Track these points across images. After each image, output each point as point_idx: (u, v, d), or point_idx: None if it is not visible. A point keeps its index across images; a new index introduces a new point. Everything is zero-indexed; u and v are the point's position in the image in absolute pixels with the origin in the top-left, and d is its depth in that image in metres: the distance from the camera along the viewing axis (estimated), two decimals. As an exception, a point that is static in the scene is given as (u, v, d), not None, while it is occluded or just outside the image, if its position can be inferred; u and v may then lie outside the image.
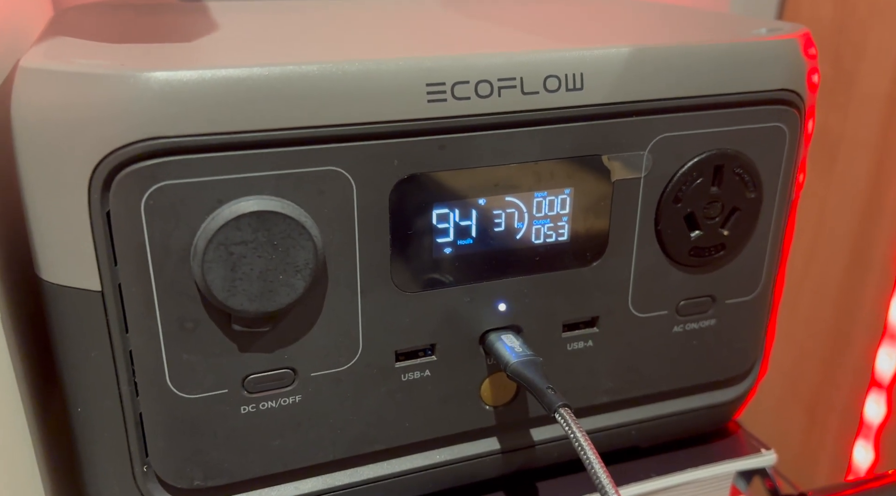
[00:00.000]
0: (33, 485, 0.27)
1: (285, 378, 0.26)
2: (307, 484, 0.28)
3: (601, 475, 0.24)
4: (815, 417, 0.68)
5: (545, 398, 0.25)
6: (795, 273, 0.66)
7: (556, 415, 0.25)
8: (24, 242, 0.24)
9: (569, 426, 0.25)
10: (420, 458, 0.29)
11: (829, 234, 0.65)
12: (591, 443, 0.24)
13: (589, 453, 0.24)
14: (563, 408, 0.25)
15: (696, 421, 0.34)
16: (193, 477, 0.26)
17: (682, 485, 0.33)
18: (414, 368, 0.28)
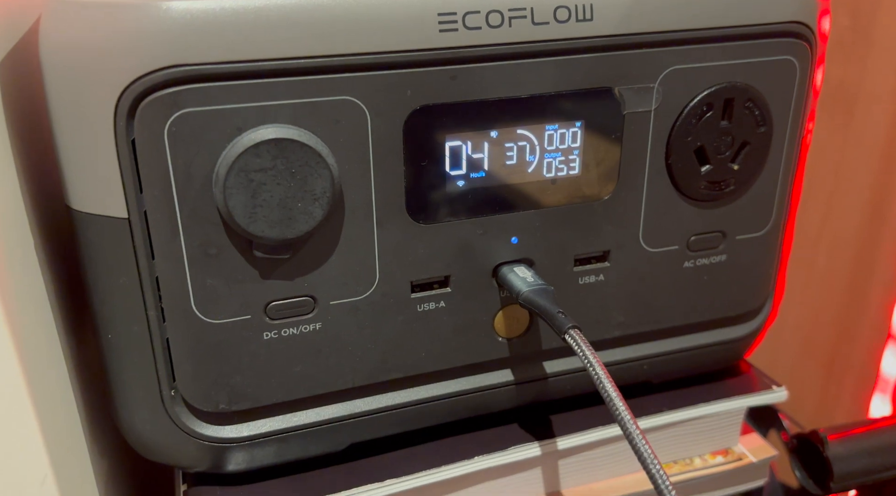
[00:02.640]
0: (69, 413, 0.28)
1: (305, 306, 0.27)
2: (328, 410, 0.29)
3: (612, 393, 0.25)
4: (832, 374, 0.69)
5: (556, 321, 0.26)
6: (812, 229, 0.66)
7: (567, 337, 0.26)
8: (57, 179, 0.25)
9: (579, 347, 0.25)
10: (436, 388, 0.30)
11: (846, 191, 0.65)
12: (602, 363, 0.25)
13: (600, 373, 0.25)
14: (573, 329, 0.26)
15: (707, 357, 0.34)
16: (219, 400, 0.27)
17: (693, 419, 0.34)
18: (429, 299, 0.29)
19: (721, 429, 0.36)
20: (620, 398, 0.25)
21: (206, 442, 0.28)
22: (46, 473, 0.25)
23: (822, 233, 0.67)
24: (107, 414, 0.29)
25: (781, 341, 0.70)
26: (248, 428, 0.28)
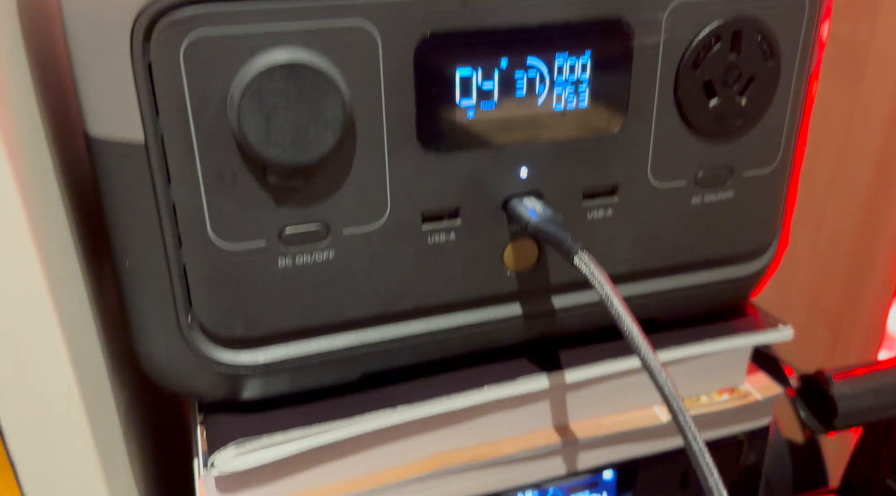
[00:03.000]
0: (90, 344, 0.29)
1: (319, 234, 0.27)
2: (341, 339, 0.30)
3: (622, 312, 0.25)
4: (839, 334, 0.69)
5: (564, 245, 0.27)
6: (820, 189, 0.66)
7: (576, 258, 0.26)
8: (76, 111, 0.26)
9: (589, 269, 0.26)
10: (446, 320, 0.31)
11: (855, 150, 0.65)
12: (612, 284, 0.26)
13: (610, 294, 0.25)
14: (582, 251, 0.26)
15: (714, 295, 0.35)
16: (234, 326, 0.28)
17: (700, 356, 0.35)
18: (439, 231, 0.29)
19: (727, 368, 0.36)
20: (631, 317, 0.25)
21: (222, 368, 0.28)
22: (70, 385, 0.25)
23: (831, 193, 0.67)
24: (125, 349, 0.29)
25: (789, 302, 0.71)
26: (264, 354, 0.29)
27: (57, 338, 0.26)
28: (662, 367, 0.25)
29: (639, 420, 0.35)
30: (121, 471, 0.31)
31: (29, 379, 0.26)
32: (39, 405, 0.27)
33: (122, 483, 0.31)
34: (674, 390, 0.25)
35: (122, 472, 0.31)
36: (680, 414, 0.25)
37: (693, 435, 0.25)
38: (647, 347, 0.25)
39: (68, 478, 0.28)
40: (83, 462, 0.28)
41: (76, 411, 0.27)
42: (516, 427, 0.34)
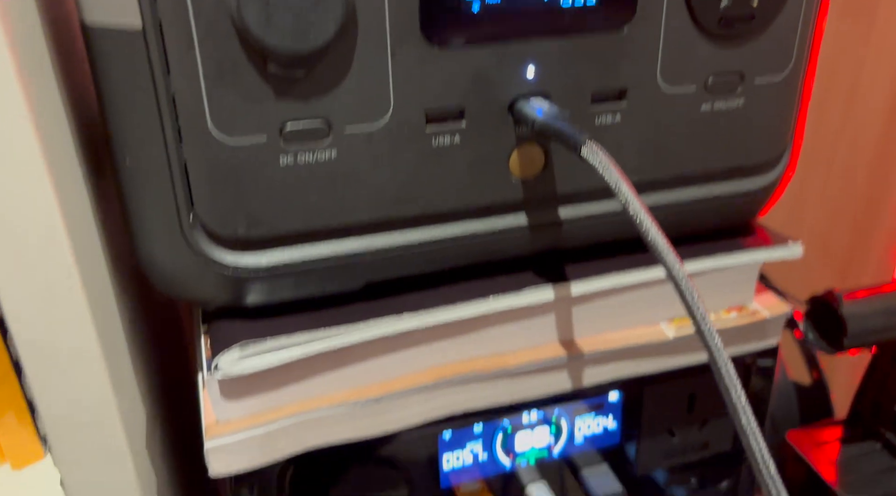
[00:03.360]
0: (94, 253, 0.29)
1: (320, 131, 0.27)
2: (344, 244, 0.29)
3: (634, 203, 0.25)
4: (848, 275, 0.68)
5: (572, 137, 0.26)
6: (830, 131, 0.65)
7: (585, 149, 0.25)
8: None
9: (598, 159, 0.25)
10: (451, 228, 0.31)
11: (867, 90, 0.63)
12: (624, 174, 0.25)
13: (621, 184, 0.25)
14: (590, 141, 0.25)
15: (724, 210, 0.34)
16: (237, 226, 0.28)
17: (708, 271, 0.34)
18: (444, 133, 0.29)
19: (736, 285, 0.36)
20: (645, 209, 0.25)
21: (225, 270, 0.28)
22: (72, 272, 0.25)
23: (841, 136, 0.66)
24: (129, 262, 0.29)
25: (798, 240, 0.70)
26: (267, 257, 0.29)
27: (63, 244, 0.26)
28: (679, 263, 0.25)
29: (646, 335, 0.34)
30: (125, 378, 0.31)
31: (36, 286, 0.26)
32: (47, 313, 0.27)
33: (128, 390, 0.31)
34: (692, 289, 0.24)
35: (126, 379, 0.31)
36: (701, 321, 0.24)
37: (716, 346, 0.24)
38: (662, 240, 0.25)
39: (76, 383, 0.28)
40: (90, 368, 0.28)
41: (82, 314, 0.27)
42: (522, 340, 0.33)
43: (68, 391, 0.28)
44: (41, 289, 0.26)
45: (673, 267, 0.24)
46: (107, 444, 0.29)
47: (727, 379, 0.24)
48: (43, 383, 0.27)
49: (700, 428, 0.40)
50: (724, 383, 0.24)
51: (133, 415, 0.31)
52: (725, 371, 0.24)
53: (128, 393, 0.31)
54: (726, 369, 0.24)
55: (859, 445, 0.42)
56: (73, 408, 0.28)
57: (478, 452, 0.36)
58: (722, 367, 0.24)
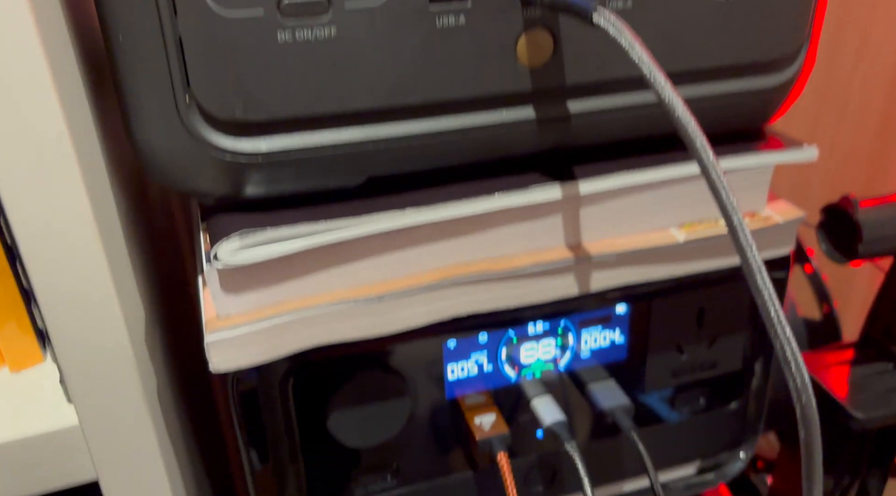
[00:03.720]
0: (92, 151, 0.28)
1: (319, 5, 0.26)
2: (345, 133, 0.28)
3: (650, 64, 0.23)
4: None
5: (582, 4, 0.25)
6: (846, 68, 0.64)
7: (596, 16, 0.24)
8: None
9: (612, 25, 0.24)
10: (455, 120, 0.30)
11: (882, 27, 0.62)
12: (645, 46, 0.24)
13: (635, 47, 0.24)
14: (602, 7, 0.24)
15: (737, 109, 0.33)
16: (234, 107, 0.27)
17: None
18: (448, 12, 0.27)
19: (748, 190, 0.35)
20: (665, 76, 0.24)
21: (222, 155, 0.27)
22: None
23: (855, 72, 0.65)
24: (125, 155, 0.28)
25: (810, 183, 0.69)
26: (266, 142, 0.28)
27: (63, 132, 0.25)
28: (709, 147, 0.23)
29: (655, 240, 0.34)
30: (125, 276, 0.30)
31: (38, 178, 0.25)
32: (45, 201, 0.26)
33: (127, 287, 0.30)
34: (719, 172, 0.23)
35: (126, 277, 0.30)
36: (733, 214, 0.23)
37: (748, 241, 0.23)
38: (684, 110, 0.23)
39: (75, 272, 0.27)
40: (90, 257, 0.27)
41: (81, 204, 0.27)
42: (528, 243, 0.33)
43: (67, 280, 0.27)
44: (40, 179, 0.26)
45: (701, 147, 0.23)
46: (107, 339, 0.29)
47: (753, 264, 0.23)
48: (41, 272, 0.27)
49: (709, 345, 0.39)
50: (749, 268, 0.23)
51: (133, 313, 0.30)
52: (755, 264, 0.23)
53: (127, 289, 0.30)
54: (756, 262, 0.23)
55: (871, 366, 0.41)
56: (73, 299, 0.28)
57: (483, 363, 0.36)
58: (752, 262, 0.23)
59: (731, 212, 0.23)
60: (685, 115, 0.23)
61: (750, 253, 0.23)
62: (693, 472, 0.44)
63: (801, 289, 0.59)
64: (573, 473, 0.40)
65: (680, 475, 0.44)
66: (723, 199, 0.23)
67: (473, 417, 0.36)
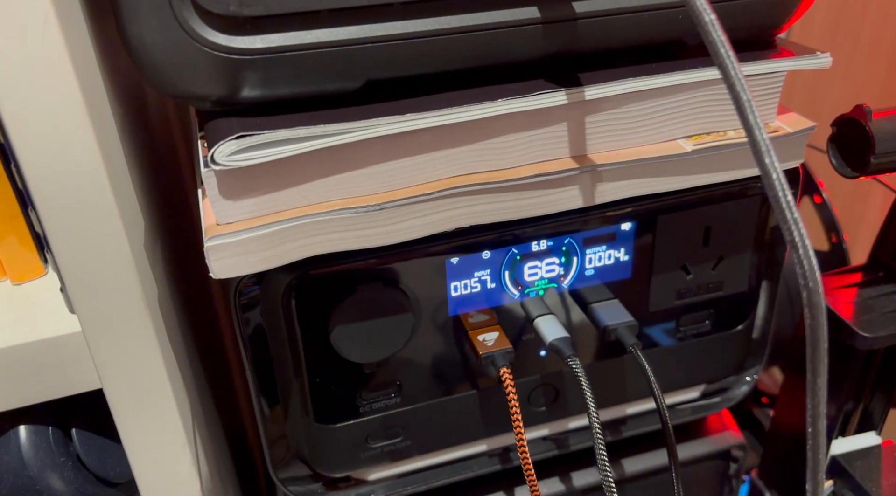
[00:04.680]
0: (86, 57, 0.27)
1: None
2: (342, 31, 0.27)
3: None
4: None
5: None
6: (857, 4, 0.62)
7: None
8: None
9: None
10: (456, 19, 0.29)
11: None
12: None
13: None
14: None
15: (750, 13, 0.32)
16: (229, 2, 0.26)
17: (729, 81, 0.32)
18: None
19: (759, 100, 0.34)
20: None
21: (218, 52, 0.27)
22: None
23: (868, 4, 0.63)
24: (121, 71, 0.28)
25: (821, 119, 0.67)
26: (261, 40, 0.27)
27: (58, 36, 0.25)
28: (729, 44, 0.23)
29: (662, 149, 0.33)
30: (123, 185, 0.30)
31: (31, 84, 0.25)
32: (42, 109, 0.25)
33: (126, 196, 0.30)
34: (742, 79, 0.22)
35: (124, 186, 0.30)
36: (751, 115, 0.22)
37: (768, 148, 0.22)
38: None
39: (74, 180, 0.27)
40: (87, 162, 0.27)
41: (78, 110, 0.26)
42: (532, 153, 0.32)
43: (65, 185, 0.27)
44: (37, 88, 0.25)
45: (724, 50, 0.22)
46: (108, 246, 0.28)
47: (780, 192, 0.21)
48: (38, 178, 0.26)
49: (714, 266, 0.39)
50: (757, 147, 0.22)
51: (133, 221, 0.30)
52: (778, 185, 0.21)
53: (127, 198, 0.30)
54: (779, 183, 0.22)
55: (878, 288, 0.41)
56: (71, 204, 0.27)
57: (486, 280, 0.35)
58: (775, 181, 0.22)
59: (748, 111, 0.22)
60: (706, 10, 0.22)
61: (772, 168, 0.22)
62: (698, 396, 0.45)
63: (809, 221, 0.59)
64: (576, 393, 0.40)
65: (685, 398, 0.45)
66: (740, 97, 0.22)
67: (477, 335, 0.36)
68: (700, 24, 0.23)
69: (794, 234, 0.20)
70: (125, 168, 0.30)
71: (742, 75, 0.22)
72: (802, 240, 0.20)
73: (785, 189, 0.21)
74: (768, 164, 0.21)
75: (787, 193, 0.21)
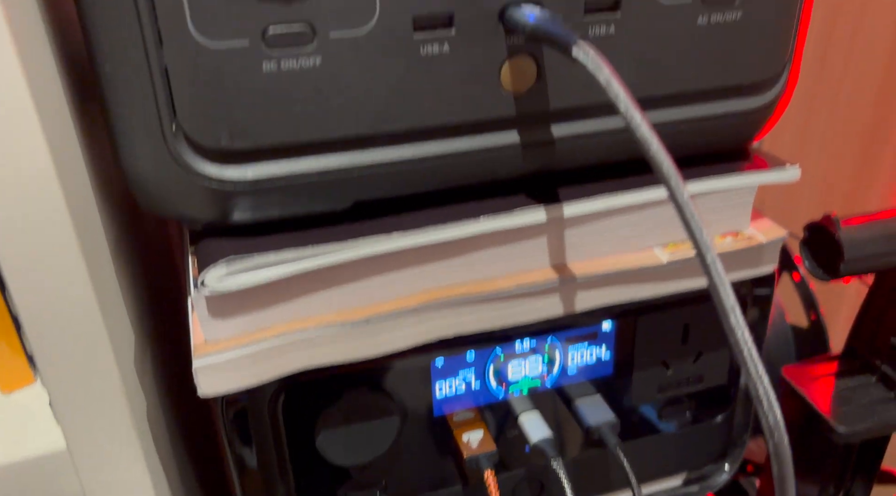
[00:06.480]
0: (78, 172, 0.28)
1: (304, 36, 0.26)
2: (331, 159, 0.29)
3: (629, 105, 0.24)
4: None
5: (562, 37, 0.25)
6: (835, 73, 0.64)
7: (575, 49, 0.25)
8: None
9: (589, 58, 0.24)
10: (440, 145, 0.30)
11: (869, 34, 0.62)
12: (619, 78, 0.24)
13: (614, 84, 0.24)
14: (582, 40, 0.25)
15: (720, 131, 0.34)
16: (220, 136, 0.27)
17: (704, 194, 0.34)
18: (432, 41, 0.28)
19: (732, 210, 0.35)
20: (641, 112, 0.24)
21: (209, 183, 0.28)
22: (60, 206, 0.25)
23: (845, 76, 0.65)
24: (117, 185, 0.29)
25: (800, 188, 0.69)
26: (252, 170, 0.28)
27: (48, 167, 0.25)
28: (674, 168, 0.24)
29: (639, 260, 0.34)
30: (113, 302, 0.30)
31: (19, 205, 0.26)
32: (30, 229, 0.26)
33: (115, 314, 0.30)
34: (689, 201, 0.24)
35: (114, 303, 0.31)
36: (701, 242, 0.23)
37: (717, 270, 0.23)
38: (659, 146, 0.24)
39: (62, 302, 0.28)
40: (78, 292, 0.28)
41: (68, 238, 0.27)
42: (514, 264, 0.33)
43: (54, 310, 0.28)
44: (24, 209, 0.26)
45: (671, 177, 0.24)
46: (95, 365, 0.29)
47: (726, 302, 0.23)
48: (25, 297, 0.27)
49: (694, 360, 0.40)
50: (722, 307, 0.23)
51: (122, 336, 0.31)
52: (724, 292, 0.23)
53: (116, 314, 0.30)
54: (724, 289, 0.23)
55: (855, 378, 0.42)
56: (58, 324, 0.28)
57: (471, 380, 0.36)
58: (720, 288, 0.23)
59: (697, 233, 0.23)
60: (660, 154, 0.23)
61: (718, 278, 0.23)
62: (679, 484, 0.45)
63: (789, 298, 0.60)
64: (560, 488, 0.40)
65: (666, 487, 0.45)
66: (694, 233, 0.24)
67: (461, 434, 0.36)
68: (646, 154, 0.24)
69: (759, 391, 0.21)
70: (115, 284, 0.31)
71: (689, 200, 0.24)
72: (767, 395, 0.21)
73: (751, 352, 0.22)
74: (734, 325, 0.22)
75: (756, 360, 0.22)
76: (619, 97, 0.24)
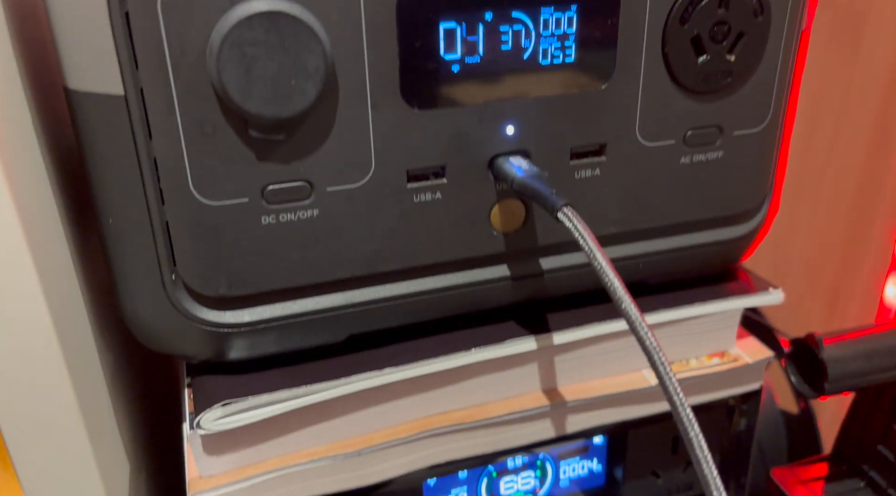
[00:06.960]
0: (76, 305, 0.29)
1: (302, 191, 0.27)
2: (326, 299, 0.30)
3: (606, 268, 0.25)
4: (836, 305, 0.69)
5: (549, 200, 0.26)
6: (818, 158, 0.66)
7: (560, 214, 0.26)
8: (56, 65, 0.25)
9: (573, 224, 0.25)
10: (432, 281, 0.31)
11: (853, 119, 0.64)
12: (597, 240, 0.25)
13: (594, 249, 0.25)
14: (566, 207, 0.26)
15: (704, 258, 0.35)
16: (219, 285, 0.28)
17: (690, 319, 0.34)
18: (425, 190, 0.29)
19: (717, 331, 0.36)
20: (615, 273, 0.25)
21: (207, 327, 0.28)
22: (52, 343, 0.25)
23: (829, 161, 0.66)
24: (112, 313, 0.29)
25: (786, 272, 0.70)
26: (249, 314, 0.29)
27: (39, 298, 0.26)
28: (644, 321, 0.25)
29: (628, 383, 0.35)
30: (107, 432, 0.31)
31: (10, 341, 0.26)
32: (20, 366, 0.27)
33: (108, 443, 0.31)
34: (655, 344, 0.25)
35: (108, 433, 0.31)
36: (665, 377, 0.25)
37: (679, 400, 0.24)
38: (630, 303, 0.25)
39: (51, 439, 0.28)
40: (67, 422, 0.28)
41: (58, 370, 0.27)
42: (505, 390, 0.33)
43: (45, 447, 0.28)
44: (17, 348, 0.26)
45: (636, 322, 0.25)
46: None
47: (691, 433, 0.24)
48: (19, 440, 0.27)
49: (684, 469, 0.40)
50: (687, 437, 0.24)
51: (115, 468, 0.31)
52: (688, 421, 0.24)
53: (109, 447, 0.31)
54: (688, 420, 0.24)
55: (843, 483, 0.42)
56: (51, 463, 0.28)
57: (463, 498, 0.36)
58: (684, 418, 0.24)
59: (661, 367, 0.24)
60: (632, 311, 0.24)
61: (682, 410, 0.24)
62: None
63: (779, 384, 0.60)
64: None
65: None
66: (650, 354, 0.25)
67: (453, 551, 0.36)
68: (606, 286, 0.25)
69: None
70: (113, 419, 0.31)
71: (649, 331, 0.25)
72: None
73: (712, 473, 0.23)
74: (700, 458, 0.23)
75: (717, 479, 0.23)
76: (594, 257, 0.25)
